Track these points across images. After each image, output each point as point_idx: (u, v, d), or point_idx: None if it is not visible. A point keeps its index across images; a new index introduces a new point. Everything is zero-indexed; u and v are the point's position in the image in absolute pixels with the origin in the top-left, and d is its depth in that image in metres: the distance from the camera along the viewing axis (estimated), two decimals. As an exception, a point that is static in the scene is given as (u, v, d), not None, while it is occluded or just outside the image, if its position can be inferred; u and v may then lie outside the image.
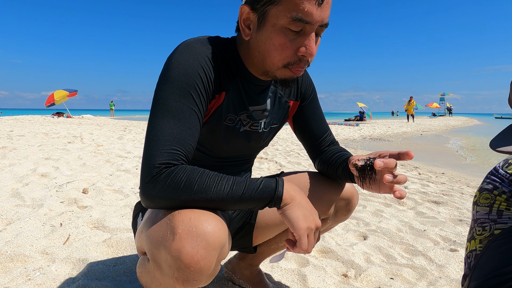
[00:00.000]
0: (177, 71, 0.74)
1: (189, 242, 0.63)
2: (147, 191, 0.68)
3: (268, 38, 0.74)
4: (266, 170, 3.82)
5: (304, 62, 0.76)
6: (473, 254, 0.83)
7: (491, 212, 0.82)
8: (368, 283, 1.37)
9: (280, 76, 0.79)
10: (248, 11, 0.76)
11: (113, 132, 8.13)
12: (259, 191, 0.70)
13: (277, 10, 0.71)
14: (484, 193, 0.84)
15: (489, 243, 0.80)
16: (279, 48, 0.73)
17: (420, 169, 4.48)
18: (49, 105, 16.07)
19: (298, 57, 0.74)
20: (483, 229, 0.82)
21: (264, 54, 0.76)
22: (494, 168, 0.87)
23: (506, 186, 0.81)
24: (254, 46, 0.78)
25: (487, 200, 0.83)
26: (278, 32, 0.72)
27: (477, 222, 0.85)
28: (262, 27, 0.74)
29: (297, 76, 0.80)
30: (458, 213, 2.38)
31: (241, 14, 0.77)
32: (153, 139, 0.70)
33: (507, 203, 0.80)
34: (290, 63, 0.75)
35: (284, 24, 0.71)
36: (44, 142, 5.31)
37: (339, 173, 0.95)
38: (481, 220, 0.84)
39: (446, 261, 1.57)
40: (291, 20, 0.70)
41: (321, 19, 0.72)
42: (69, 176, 2.94)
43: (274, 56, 0.75)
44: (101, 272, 1.33)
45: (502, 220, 0.80)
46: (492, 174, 0.86)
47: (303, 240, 0.72)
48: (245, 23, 0.78)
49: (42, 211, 2.00)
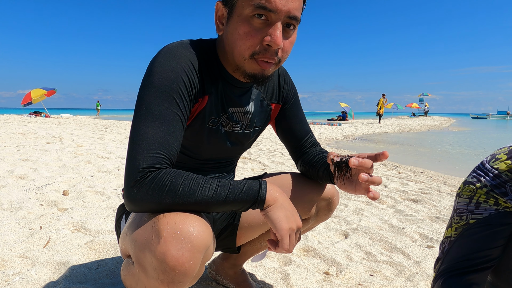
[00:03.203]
0: (160, 75, 0.75)
1: (174, 245, 0.64)
2: (131, 195, 0.68)
3: (234, 29, 0.76)
4: (250, 170, 3.84)
5: (271, 53, 0.75)
6: (448, 240, 0.89)
7: (470, 203, 0.87)
8: (349, 280, 1.41)
9: (249, 70, 0.78)
10: (221, 7, 0.79)
11: (94, 132, 7.96)
12: (242, 194, 0.72)
13: (243, 1, 0.73)
14: (467, 186, 0.89)
15: (463, 231, 0.86)
16: (244, 37, 0.74)
17: (399, 168, 4.60)
18: (26, 104, 15.58)
19: (263, 46, 0.75)
20: (460, 218, 0.88)
21: (232, 45, 0.77)
22: (481, 163, 0.91)
23: (489, 180, 0.85)
24: (225, 39, 0.80)
25: (469, 193, 0.88)
26: (243, 21, 0.74)
27: (456, 212, 0.90)
28: (230, 19, 0.77)
29: (267, 73, 0.79)
30: (435, 211, 2.47)
31: (216, 11, 0.80)
32: (137, 143, 0.71)
33: (486, 196, 0.84)
34: (256, 52, 0.75)
35: (248, 13, 0.73)
36: (21, 143, 5.15)
37: (320, 174, 0.98)
38: (460, 210, 0.89)
39: (423, 257, 1.63)
40: (254, 8, 0.72)
41: (286, 9, 0.72)
42: (48, 178, 2.87)
43: (240, 45, 0.76)
44: (83, 275, 1.32)
45: (478, 211, 0.85)
46: (478, 168, 0.90)
47: (285, 240, 0.74)
48: (220, 19, 0.80)
49: (20, 214, 1.95)
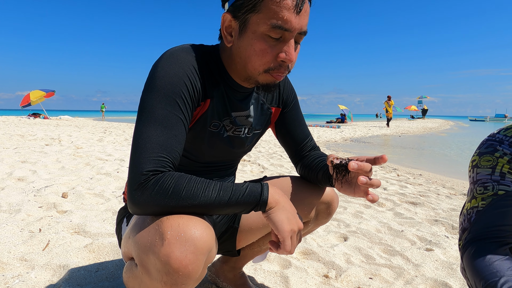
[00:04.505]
0: (163, 79, 0.75)
1: (178, 247, 0.64)
2: (135, 198, 0.69)
3: (249, 44, 0.77)
4: (249, 172, 3.85)
5: (284, 68, 0.79)
6: (474, 210, 0.86)
7: (494, 173, 0.84)
8: (348, 283, 1.41)
9: (262, 81, 0.82)
10: (230, 19, 0.79)
11: (93, 134, 7.96)
12: (245, 196, 0.73)
13: (258, 18, 0.74)
14: (485, 156, 0.87)
15: (493, 201, 0.84)
16: (260, 54, 0.76)
17: (398, 170, 4.61)
18: (25, 106, 15.57)
19: (278, 62, 0.77)
20: (485, 189, 0.85)
21: (246, 60, 0.79)
22: (489, 136, 0.90)
23: (506, 148, 0.84)
24: (236, 52, 0.81)
25: (489, 162, 0.86)
26: (258, 38, 0.75)
27: (478, 183, 0.87)
28: (243, 34, 0.77)
29: (279, 81, 0.83)
30: (434, 214, 2.47)
31: (223, 22, 0.80)
32: (140, 147, 0.71)
33: (509, 166, 0.83)
34: (271, 68, 0.78)
35: (264, 31, 0.74)
36: (20, 145, 5.14)
37: (319, 177, 0.98)
38: (482, 181, 0.86)
39: (422, 260, 1.64)
40: (271, 27, 0.73)
41: (299, 27, 0.75)
42: (47, 180, 2.87)
43: (255, 61, 0.78)
44: (83, 278, 1.32)
45: (505, 182, 0.83)
46: (488, 140, 0.89)
47: (287, 242, 0.75)
48: (227, 30, 0.81)
49: (19, 216, 1.95)
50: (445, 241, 1.90)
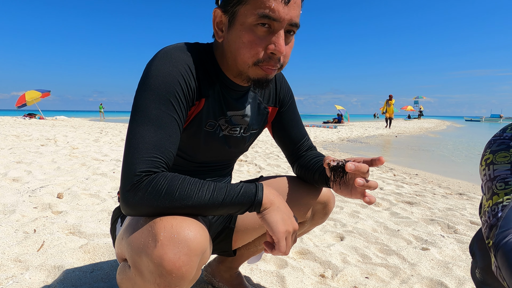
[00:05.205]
0: (157, 79, 0.75)
1: (171, 249, 0.63)
2: (127, 199, 0.68)
3: (237, 37, 0.76)
4: (245, 172, 3.84)
5: (274, 61, 0.77)
6: (499, 206, 0.81)
7: None
8: (345, 282, 1.41)
9: (253, 76, 0.79)
10: (220, 14, 0.79)
11: (89, 134, 7.92)
12: (239, 197, 0.72)
13: (245, 9, 0.74)
14: (500, 153, 0.85)
15: None
16: (248, 46, 0.75)
17: (395, 170, 4.63)
18: (20, 106, 15.47)
19: (267, 54, 0.76)
20: (506, 184, 0.82)
21: (235, 53, 0.78)
22: (494, 136, 0.88)
23: None
24: (227, 47, 0.80)
25: (506, 158, 0.83)
26: (247, 30, 0.75)
27: (497, 179, 0.84)
28: (232, 27, 0.77)
29: (270, 77, 0.80)
30: (430, 213, 2.48)
31: (215, 18, 0.80)
32: (133, 147, 0.70)
33: None
34: (260, 60, 0.76)
35: (252, 22, 0.73)
36: (15, 145, 5.11)
37: (316, 177, 0.98)
38: (502, 176, 0.83)
39: (418, 259, 1.64)
40: (258, 17, 0.72)
41: (289, 17, 0.74)
42: (42, 181, 2.85)
43: (244, 53, 0.76)
44: (78, 279, 1.31)
45: None
46: (497, 139, 0.87)
47: (281, 243, 0.74)
48: (219, 26, 0.81)
49: (14, 217, 1.94)
50: (441, 241, 1.91)
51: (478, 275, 0.91)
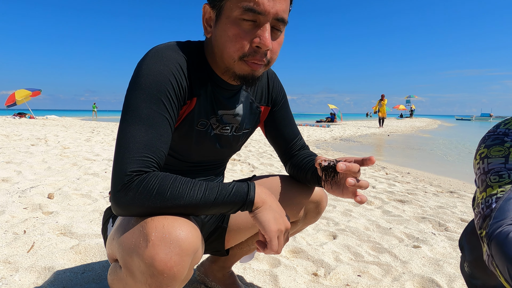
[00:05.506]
0: (148, 78, 0.74)
1: (162, 249, 0.63)
2: (118, 199, 0.67)
3: (223, 31, 0.76)
4: (239, 171, 3.84)
5: (260, 55, 0.76)
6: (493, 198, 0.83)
7: (508, 162, 0.83)
8: (337, 281, 1.42)
9: (239, 72, 0.78)
10: (209, 9, 0.79)
11: (80, 134, 7.84)
12: (231, 196, 0.72)
13: (231, 3, 0.74)
14: (494, 147, 0.86)
15: None
16: (233, 39, 0.75)
17: (387, 169, 4.66)
18: (10, 105, 15.24)
19: (253, 48, 0.75)
20: (500, 177, 0.83)
21: (221, 47, 0.78)
22: (488, 132, 0.90)
23: None
24: (214, 42, 0.80)
25: (501, 152, 0.85)
26: (232, 23, 0.74)
27: (491, 172, 0.86)
28: (218, 21, 0.77)
29: (257, 74, 0.79)
30: (422, 211, 2.51)
31: (204, 14, 0.80)
32: (124, 146, 0.70)
33: None
34: (245, 54, 0.75)
35: (237, 15, 0.73)
36: (4, 145, 5.03)
37: (308, 177, 0.98)
38: (496, 169, 0.85)
39: (409, 257, 1.66)
40: (243, 11, 0.72)
41: (274, 11, 0.73)
42: (32, 181, 2.81)
43: (229, 47, 0.76)
44: (69, 280, 1.30)
45: None
46: (491, 134, 0.89)
47: (273, 242, 0.74)
48: (208, 22, 0.81)
49: (3, 218, 1.91)
50: (432, 238, 1.93)
51: (467, 268, 0.93)
